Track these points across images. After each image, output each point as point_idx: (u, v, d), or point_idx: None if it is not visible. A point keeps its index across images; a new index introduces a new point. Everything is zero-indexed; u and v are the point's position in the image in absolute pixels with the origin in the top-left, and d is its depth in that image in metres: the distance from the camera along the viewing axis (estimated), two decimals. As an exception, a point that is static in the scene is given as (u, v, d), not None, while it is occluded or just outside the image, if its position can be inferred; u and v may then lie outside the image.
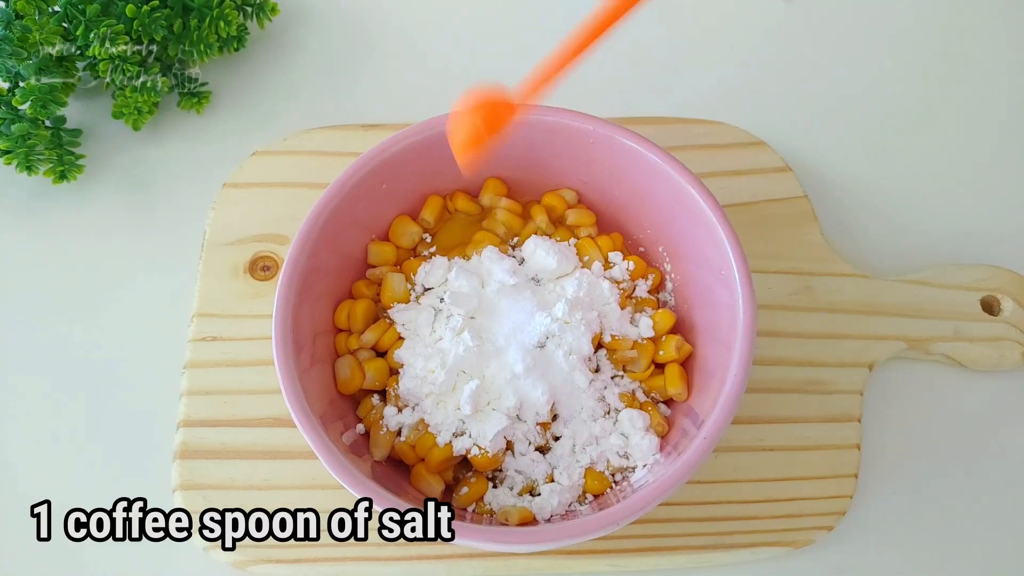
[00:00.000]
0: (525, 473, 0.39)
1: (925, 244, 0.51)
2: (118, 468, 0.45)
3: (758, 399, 0.44)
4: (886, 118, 0.55)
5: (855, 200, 0.52)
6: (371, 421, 0.40)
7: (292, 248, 0.39)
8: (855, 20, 0.59)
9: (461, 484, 0.40)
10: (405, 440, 0.40)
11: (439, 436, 0.39)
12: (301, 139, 0.50)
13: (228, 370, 0.45)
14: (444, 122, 0.41)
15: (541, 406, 0.39)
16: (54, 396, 0.47)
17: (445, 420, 0.39)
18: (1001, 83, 0.56)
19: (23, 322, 0.48)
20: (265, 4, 0.55)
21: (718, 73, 0.56)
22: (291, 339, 0.37)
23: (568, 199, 0.44)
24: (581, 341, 0.40)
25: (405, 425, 0.40)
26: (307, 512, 0.40)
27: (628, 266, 0.43)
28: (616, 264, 0.43)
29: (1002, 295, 0.48)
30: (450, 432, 0.39)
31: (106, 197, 0.52)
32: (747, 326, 0.37)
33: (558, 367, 0.40)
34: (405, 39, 0.57)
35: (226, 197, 0.49)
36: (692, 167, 0.40)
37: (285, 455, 0.43)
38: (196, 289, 0.47)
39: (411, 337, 0.41)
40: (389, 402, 0.40)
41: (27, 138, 0.49)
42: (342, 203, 0.40)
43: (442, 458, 0.39)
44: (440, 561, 0.41)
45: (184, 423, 0.44)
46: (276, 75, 0.56)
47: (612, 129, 0.41)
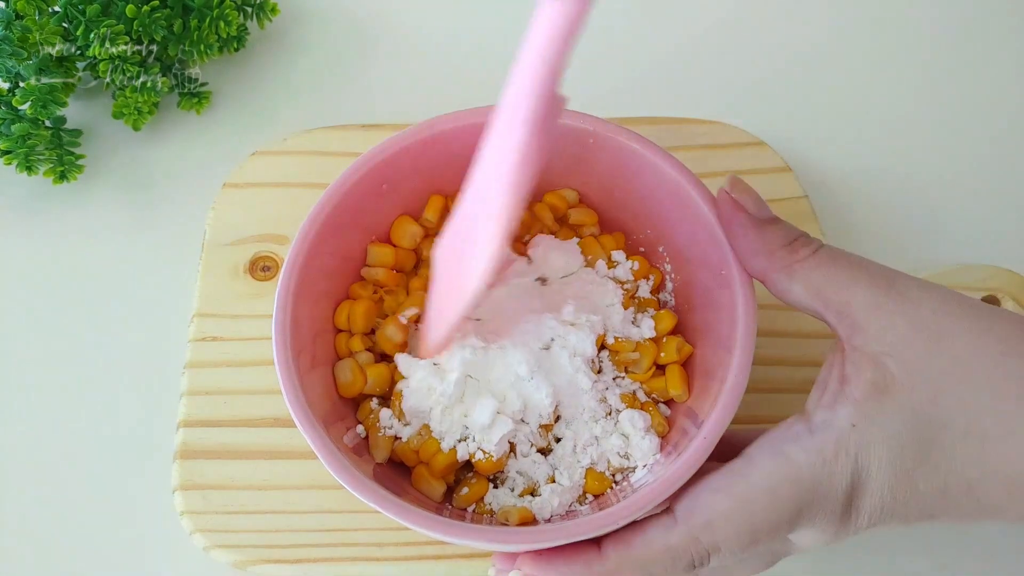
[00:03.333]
0: (526, 474, 0.39)
1: (925, 244, 0.51)
2: (118, 468, 0.45)
3: (758, 399, 0.44)
4: (886, 118, 0.55)
5: (855, 200, 0.52)
6: (370, 424, 0.40)
7: (292, 248, 0.39)
8: (856, 20, 0.59)
9: (461, 484, 0.40)
10: (407, 443, 0.40)
11: (443, 442, 0.39)
12: (301, 139, 0.50)
13: (228, 370, 0.45)
14: (445, 122, 0.41)
15: (545, 408, 0.39)
16: (54, 396, 0.47)
17: (451, 428, 0.39)
18: (1002, 83, 0.56)
19: (23, 322, 0.48)
20: (265, 4, 0.55)
21: (718, 73, 0.56)
22: (291, 339, 0.37)
23: (569, 199, 0.44)
24: (585, 343, 0.40)
25: (405, 432, 0.40)
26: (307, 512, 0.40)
27: (632, 266, 0.43)
28: (620, 263, 0.43)
29: (1002, 295, 0.48)
30: (454, 438, 0.39)
31: (106, 197, 0.52)
32: (747, 326, 0.36)
33: (562, 369, 0.40)
34: (405, 39, 0.57)
35: (226, 197, 0.49)
36: (692, 167, 0.40)
37: (285, 455, 0.43)
38: (196, 289, 0.47)
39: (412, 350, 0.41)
40: (393, 413, 0.40)
41: (27, 138, 0.49)
42: (342, 203, 0.40)
43: (446, 463, 0.39)
44: (440, 561, 0.41)
45: (184, 423, 0.44)
46: (276, 75, 0.56)
47: (612, 129, 0.41)
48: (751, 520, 0.32)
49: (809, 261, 0.35)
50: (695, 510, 0.33)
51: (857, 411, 0.32)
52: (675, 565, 0.33)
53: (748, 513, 0.32)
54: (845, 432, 0.32)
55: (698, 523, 0.33)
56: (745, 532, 0.32)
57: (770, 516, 0.32)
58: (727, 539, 0.32)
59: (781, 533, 0.33)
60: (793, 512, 0.32)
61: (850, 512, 0.33)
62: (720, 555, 0.32)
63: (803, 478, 0.32)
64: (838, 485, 0.32)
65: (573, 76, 0.33)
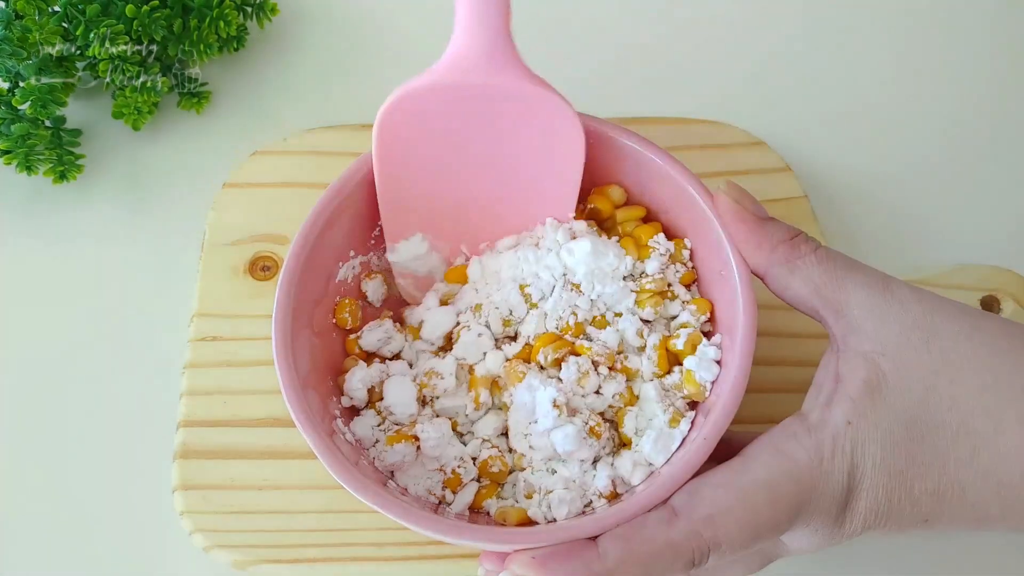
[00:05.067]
0: (530, 482, 0.39)
1: (925, 244, 0.51)
2: (118, 468, 0.45)
3: (758, 399, 0.44)
4: (886, 118, 0.55)
5: (855, 200, 0.52)
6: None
7: (292, 248, 0.39)
8: (856, 20, 0.59)
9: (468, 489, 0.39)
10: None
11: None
12: (301, 139, 0.51)
13: (228, 370, 0.45)
14: None
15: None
16: (54, 396, 0.47)
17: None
18: (1002, 83, 0.56)
19: (23, 322, 0.48)
20: (265, 4, 0.55)
21: (718, 73, 0.56)
22: (291, 339, 0.37)
23: (615, 197, 0.43)
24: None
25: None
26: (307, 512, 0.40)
27: (669, 248, 0.41)
28: (656, 248, 0.41)
29: (1002, 295, 0.48)
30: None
31: (106, 197, 0.52)
32: (747, 326, 0.36)
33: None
34: (405, 39, 0.57)
35: (226, 197, 0.49)
36: (692, 167, 0.40)
37: (285, 455, 0.43)
38: (196, 289, 0.47)
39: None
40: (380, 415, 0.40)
41: (27, 138, 0.49)
42: (342, 203, 0.40)
43: None
44: (440, 561, 0.41)
45: (184, 423, 0.44)
46: (276, 75, 0.56)
47: (612, 129, 0.41)
48: (752, 516, 0.32)
49: (810, 258, 0.35)
50: (695, 504, 0.33)
51: (852, 409, 0.33)
52: (675, 562, 0.32)
53: (749, 508, 0.32)
54: (841, 429, 0.32)
55: (699, 517, 0.32)
56: (746, 528, 0.32)
57: (770, 512, 0.32)
58: (728, 535, 0.32)
59: (780, 531, 0.33)
60: (792, 509, 0.32)
61: (845, 514, 0.33)
62: (720, 551, 0.32)
63: (802, 475, 0.32)
64: (835, 484, 0.32)
65: (573, 77, 0.33)
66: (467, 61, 0.37)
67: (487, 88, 0.37)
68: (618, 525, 0.33)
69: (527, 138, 0.39)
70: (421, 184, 0.41)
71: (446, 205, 0.42)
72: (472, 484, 0.39)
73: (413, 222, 0.42)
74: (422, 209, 0.42)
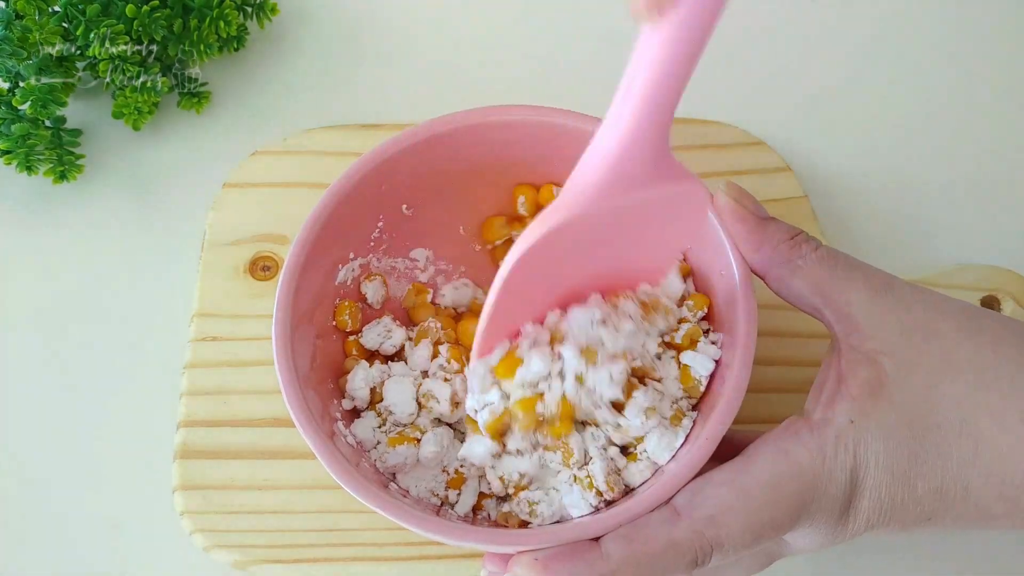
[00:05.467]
0: (531, 500, 0.39)
1: (925, 244, 0.51)
2: (118, 468, 0.45)
3: (758, 399, 0.44)
4: (887, 118, 0.55)
5: (855, 200, 0.52)
6: None
7: (292, 248, 0.39)
8: (856, 20, 0.59)
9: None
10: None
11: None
12: (301, 139, 0.50)
13: (228, 370, 0.45)
14: (445, 123, 0.41)
15: None
16: (53, 396, 0.47)
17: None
18: (1002, 83, 0.56)
19: (23, 322, 0.48)
20: (265, 4, 0.55)
21: (718, 73, 0.56)
22: (291, 339, 0.37)
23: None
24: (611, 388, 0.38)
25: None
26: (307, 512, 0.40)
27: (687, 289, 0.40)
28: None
29: (1002, 295, 0.48)
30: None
31: (106, 197, 0.52)
32: (747, 326, 0.36)
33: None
34: (406, 39, 0.57)
35: (226, 197, 0.49)
36: (692, 167, 0.40)
37: (285, 455, 0.43)
38: (196, 289, 0.47)
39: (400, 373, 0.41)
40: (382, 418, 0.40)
41: (27, 138, 0.49)
42: (343, 203, 0.40)
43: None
44: (440, 561, 0.41)
45: (184, 423, 0.44)
46: (276, 75, 0.56)
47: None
48: (756, 515, 0.32)
49: (811, 257, 0.35)
50: (698, 504, 0.33)
51: (855, 408, 0.33)
52: (678, 562, 0.32)
53: (752, 508, 0.32)
54: (844, 428, 0.32)
55: (701, 517, 0.32)
56: (749, 527, 0.32)
57: (773, 512, 0.32)
58: (731, 534, 0.32)
59: (783, 531, 0.33)
60: (796, 508, 0.32)
61: (848, 512, 0.33)
62: (723, 551, 0.32)
63: (805, 475, 0.32)
64: (838, 482, 0.32)
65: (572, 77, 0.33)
66: (632, 170, 0.33)
67: (646, 198, 0.34)
68: (620, 525, 0.33)
69: (645, 226, 0.36)
70: (531, 295, 0.37)
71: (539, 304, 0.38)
72: (475, 483, 0.39)
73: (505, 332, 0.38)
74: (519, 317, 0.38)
